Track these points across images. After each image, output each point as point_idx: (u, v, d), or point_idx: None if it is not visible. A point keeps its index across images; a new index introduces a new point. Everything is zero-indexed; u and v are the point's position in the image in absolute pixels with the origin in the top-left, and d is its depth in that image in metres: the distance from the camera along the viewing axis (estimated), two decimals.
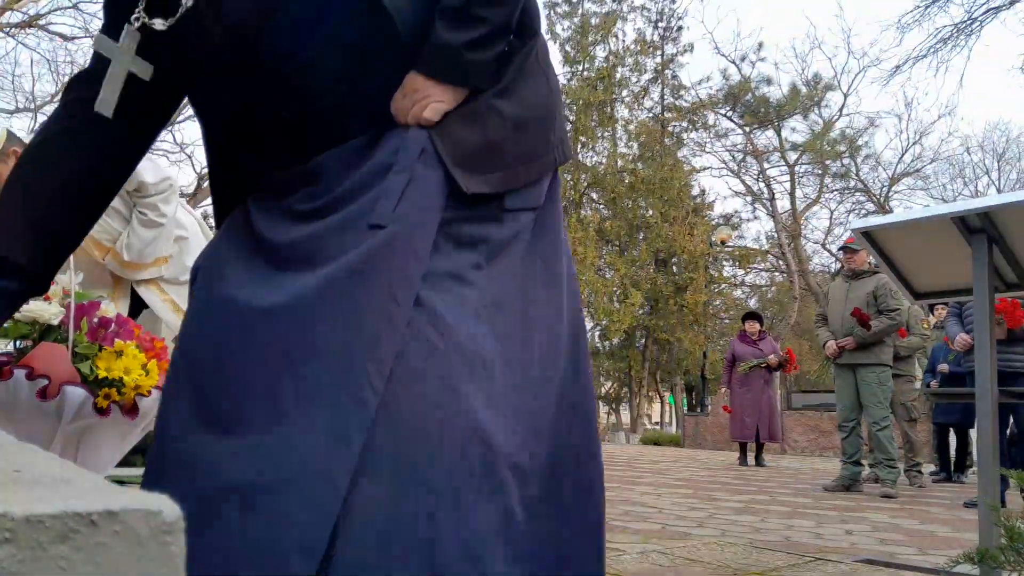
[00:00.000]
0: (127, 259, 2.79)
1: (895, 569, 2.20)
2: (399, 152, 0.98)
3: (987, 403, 2.05)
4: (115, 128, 1.05)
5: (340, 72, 1.01)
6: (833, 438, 11.09)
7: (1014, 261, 2.17)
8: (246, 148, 1.11)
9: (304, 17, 0.98)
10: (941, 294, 2.45)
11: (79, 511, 0.33)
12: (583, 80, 20.90)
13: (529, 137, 1.08)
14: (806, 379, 23.08)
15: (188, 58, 1.01)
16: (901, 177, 22.35)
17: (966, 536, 3.36)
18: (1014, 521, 1.65)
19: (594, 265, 19.35)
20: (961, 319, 5.03)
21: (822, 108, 21.61)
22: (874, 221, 2.27)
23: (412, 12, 0.99)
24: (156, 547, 0.35)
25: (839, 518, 3.89)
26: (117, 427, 2.14)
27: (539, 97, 1.11)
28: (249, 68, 1.01)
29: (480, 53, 1.00)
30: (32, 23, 13.20)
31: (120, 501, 0.34)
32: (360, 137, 1.02)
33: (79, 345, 2.12)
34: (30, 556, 0.32)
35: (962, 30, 12.33)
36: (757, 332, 8.70)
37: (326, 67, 1.01)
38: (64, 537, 0.33)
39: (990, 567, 1.69)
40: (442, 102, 0.99)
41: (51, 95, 14.61)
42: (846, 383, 5.56)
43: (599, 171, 20.49)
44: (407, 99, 1.00)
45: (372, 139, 1.01)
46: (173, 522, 0.36)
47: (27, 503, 0.33)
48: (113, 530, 0.34)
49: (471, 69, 1.00)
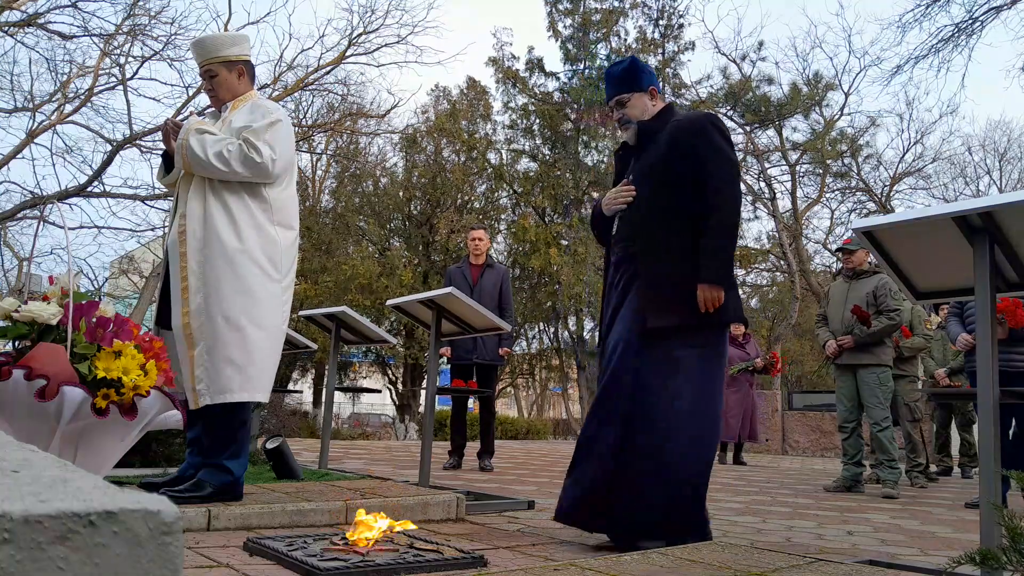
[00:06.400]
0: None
1: (897, 570, 2.20)
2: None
3: (988, 403, 2.05)
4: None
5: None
6: (834, 438, 11.08)
7: (1015, 261, 2.16)
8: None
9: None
10: (942, 294, 2.45)
11: (78, 512, 0.33)
12: (584, 79, 20.89)
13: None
14: (807, 379, 23.05)
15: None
16: (902, 177, 22.33)
17: (968, 537, 3.36)
18: (1016, 521, 1.65)
19: (594, 265, 19.33)
20: (962, 319, 5.02)
21: (823, 107, 21.59)
22: (875, 221, 2.27)
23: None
24: (155, 547, 0.34)
25: (840, 519, 3.89)
26: (116, 427, 2.14)
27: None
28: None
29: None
30: (31, 22, 13.19)
31: (119, 502, 0.34)
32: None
33: (78, 345, 2.12)
34: (29, 556, 0.32)
35: (963, 30, 12.32)
36: (742, 334, 8.77)
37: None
38: (63, 538, 0.32)
39: (992, 568, 1.68)
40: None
41: (49, 94, 14.61)
42: (847, 384, 5.56)
43: (600, 170, 20.48)
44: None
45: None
46: (172, 522, 0.36)
47: (26, 504, 0.33)
48: (112, 531, 0.33)
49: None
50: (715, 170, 2.73)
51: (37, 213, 13.63)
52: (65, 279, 2.22)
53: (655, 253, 2.75)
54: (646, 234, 2.78)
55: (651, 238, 2.76)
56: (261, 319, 2.88)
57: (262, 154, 2.84)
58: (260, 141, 2.85)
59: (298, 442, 8.25)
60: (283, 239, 2.97)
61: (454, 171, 20.38)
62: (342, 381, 19.75)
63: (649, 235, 2.77)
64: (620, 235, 2.89)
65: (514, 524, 3.14)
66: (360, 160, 20.80)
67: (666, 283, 2.70)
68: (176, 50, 13.97)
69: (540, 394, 29.73)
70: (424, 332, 8.75)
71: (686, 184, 2.75)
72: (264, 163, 2.84)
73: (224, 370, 2.80)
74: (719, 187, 2.72)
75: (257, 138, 2.85)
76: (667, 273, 2.71)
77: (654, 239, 2.76)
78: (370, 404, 27.19)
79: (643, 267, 2.75)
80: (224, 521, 2.59)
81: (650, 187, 2.80)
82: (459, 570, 2.07)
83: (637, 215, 2.82)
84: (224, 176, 2.86)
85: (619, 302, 2.84)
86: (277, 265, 2.94)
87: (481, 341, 5.85)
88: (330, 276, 18.26)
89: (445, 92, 22.13)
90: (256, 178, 2.87)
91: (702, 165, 2.73)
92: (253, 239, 2.88)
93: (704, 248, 2.68)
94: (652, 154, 2.84)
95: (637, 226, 2.81)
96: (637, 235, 2.80)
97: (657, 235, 2.76)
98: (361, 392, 15.70)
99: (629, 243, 2.83)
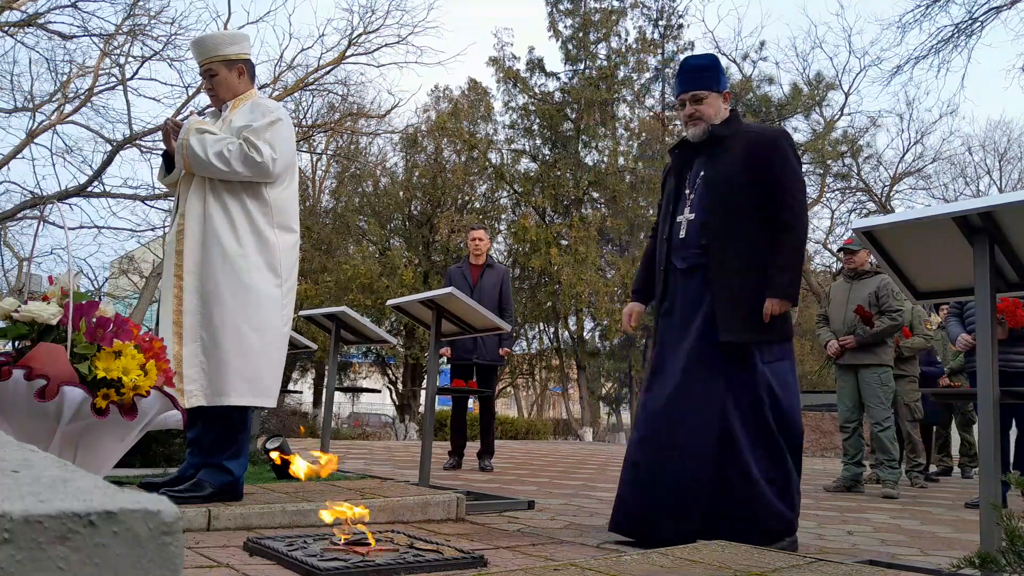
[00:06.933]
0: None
1: (897, 570, 2.20)
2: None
3: (988, 403, 2.05)
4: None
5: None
6: (834, 438, 11.08)
7: (1015, 261, 2.16)
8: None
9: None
10: (942, 294, 2.45)
11: (78, 512, 0.33)
12: (585, 79, 20.89)
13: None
14: (807, 379, 23.04)
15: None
16: (902, 177, 22.33)
17: (968, 537, 3.36)
18: (1015, 522, 1.65)
19: (595, 264, 19.34)
20: (962, 319, 5.02)
21: (823, 107, 21.60)
22: (875, 221, 2.27)
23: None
24: (155, 547, 0.34)
25: (840, 519, 3.89)
26: (116, 427, 2.14)
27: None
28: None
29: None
30: (31, 22, 13.19)
31: (119, 502, 0.34)
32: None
33: (78, 345, 2.12)
34: (29, 557, 0.32)
35: (963, 30, 12.32)
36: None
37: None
38: (63, 538, 0.32)
39: (991, 570, 1.68)
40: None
41: (49, 94, 14.61)
42: (848, 384, 5.56)
43: (600, 169, 20.48)
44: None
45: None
46: (172, 522, 0.36)
47: (26, 504, 0.33)
48: (112, 530, 0.33)
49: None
50: (789, 188, 2.77)
51: (37, 213, 13.63)
52: (65, 279, 2.22)
53: (728, 266, 2.75)
54: (718, 244, 2.77)
55: (723, 250, 2.76)
56: (261, 323, 2.87)
57: (262, 153, 2.83)
58: (260, 140, 2.84)
59: (298, 442, 8.24)
60: (283, 242, 2.96)
61: (454, 171, 20.38)
62: (342, 381, 19.76)
63: (721, 246, 2.76)
64: (688, 242, 2.85)
65: (514, 524, 3.14)
66: (360, 160, 20.80)
67: (740, 298, 2.71)
68: (176, 50, 13.99)
69: (540, 394, 29.73)
70: (424, 332, 8.76)
71: (757, 197, 2.77)
72: (264, 163, 2.84)
73: (224, 373, 2.79)
74: (792, 206, 2.77)
75: (257, 137, 2.84)
76: (740, 287, 2.72)
77: (726, 251, 2.76)
78: (370, 404, 27.20)
79: (715, 278, 2.75)
80: (224, 521, 2.59)
81: (722, 196, 2.79)
82: (459, 570, 2.07)
83: (709, 223, 2.80)
84: (225, 176, 2.85)
85: (685, 311, 2.83)
86: (276, 269, 2.93)
87: (481, 341, 5.85)
88: (330, 276, 18.26)
89: (446, 92, 22.13)
90: (257, 177, 2.87)
91: (775, 182, 2.77)
92: (252, 243, 2.88)
93: (777, 264, 2.72)
94: (725, 162, 2.83)
95: (709, 235, 2.79)
96: (708, 244, 2.78)
97: (728, 247, 2.76)
98: (361, 392, 15.69)
99: (699, 252, 2.81)
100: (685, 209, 2.89)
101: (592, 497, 4.33)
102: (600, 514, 3.57)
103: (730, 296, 2.72)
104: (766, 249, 2.76)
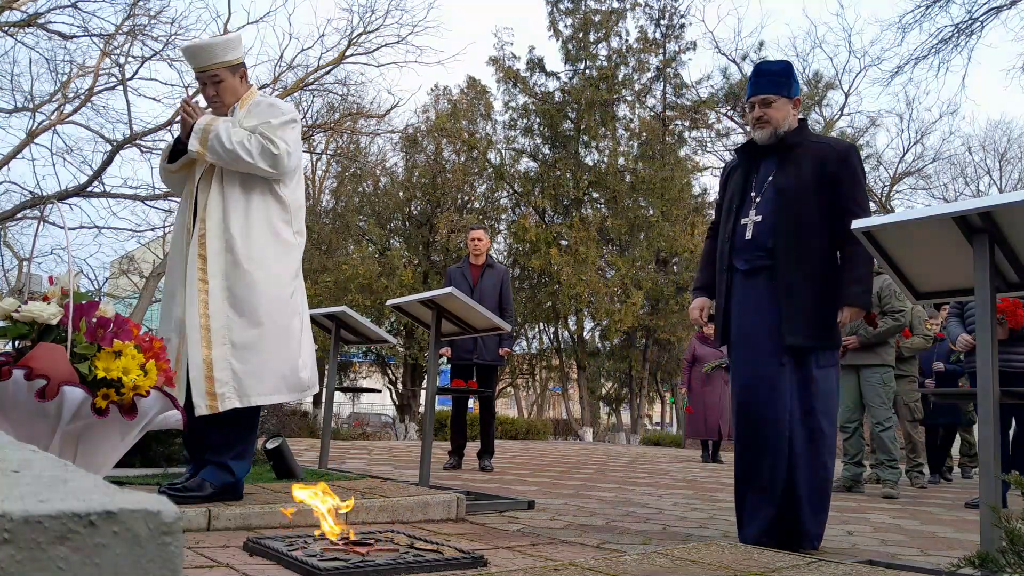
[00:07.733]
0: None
1: (897, 570, 2.20)
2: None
3: (988, 403, 2.05)
4: None
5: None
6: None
7: (1015, 261, 2.16)
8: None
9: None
10: (942, 294, 2.45)
11: (78, 512, 0.33)
12: (585, 79, 20.88)
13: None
14: None
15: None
16: (902, 177, 22.35)
17: (968, 537, 3.36)
18: (1015, 523, 1.65)
19: (595, 264, 19.34)
20: (962, 319, 5.02)
21: (823, 107, 21.60)
22: (875, 221, 2.27)
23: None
24: (155, 547, 0.34)
25: (840, 519, 3.89)
26: (116, 427, 2.14)
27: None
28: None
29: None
30: (31, 22, 13.19)
31: (119, 502, 0.34)
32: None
33: (78, 345, 2.12)
34: (29, 557, 0.32)
35: (963, 30, 12.31)
36: (715, 333, 8.79)
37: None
38: (63, 538, 0.32)
39: (991, 571, 1.68)
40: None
41: (49, 94, 14.60)
42: (849, 384, 5.56)
43: (600, 170, 20.48)
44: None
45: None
46: (172, 522, 0.36)
47: (26, 504, 0.33)
48: (112, 531, 0.33)
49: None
50: (860, 201, 2.82)
51: (37, 213, 13.63)
52: (65, 279, 2.22)
53: (795, 271, 2.78)
54: (786, 249, 2.80)
55: (789, 255, 2.79)
56: (288, 320, 2.98)
57: (278, 147, 2.92)
58: (275, 136, 2.93)
59: (298, 442, 8.25)
60: (299, 244, 3.09)
61: (454, 171, 20.38)
62: (342, 381, 19.75)
63: (787, 252, 2.80)
64: (753, 244, 2.87)
65: (514, 524, 3.14)
66: (360, 160, 20.80)
67: (805, 304, 2.77)
68: (176, 50, 13.97)
69: (540, 394, 29.73)
70: (424, 332, 8.76)
71: (823, 208, 2.82)
72: (281, 155, 2.92)
73: (260, 373, 2.86)
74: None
75: (273, 133, 2.92)
76: (805, 293, 2.77)
77: (794, 256, 2.79)
78: (370, 404, 27.20)
79: (782, 282, 2.78)
80: (224, 521, 2.59)
81: (791, 203, 2.82)
82: (459, 570, 2.07)
83: (778, 228, 2.82)
84: (243, 166, 2.89)
85: (751, 312, 2.87)
86: (295, 269, 3.06)
87: (481, 341, 5.85)
88: (330, 276, 18.27)
89: (445, 92, 22.13)
90: (272, 169, 2.91)
91: (844, 193, 2.82)
92: (273, 245, 2.96)
93: (852, 275, 2.79)
94: (795, 171, 2.86)
95: (777, 239, 2.81)
96: (776, 248, 2.81)
97: (796, 253, 2.79)
98: (361, 392, 15.67)
99: (764, 255, 2.83)
100: (751, 211, 2.92)
101: (592, 497, 4.33)
102: (600, 514, 3.57)
103: (797, 301, 2.77)
104: (828, 259, 2.84)
